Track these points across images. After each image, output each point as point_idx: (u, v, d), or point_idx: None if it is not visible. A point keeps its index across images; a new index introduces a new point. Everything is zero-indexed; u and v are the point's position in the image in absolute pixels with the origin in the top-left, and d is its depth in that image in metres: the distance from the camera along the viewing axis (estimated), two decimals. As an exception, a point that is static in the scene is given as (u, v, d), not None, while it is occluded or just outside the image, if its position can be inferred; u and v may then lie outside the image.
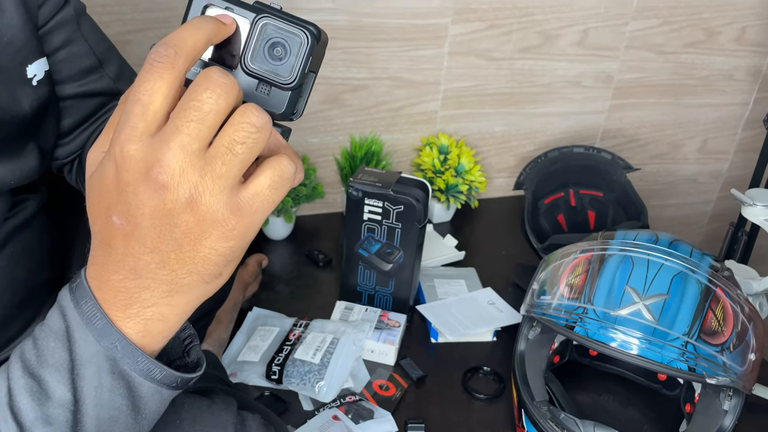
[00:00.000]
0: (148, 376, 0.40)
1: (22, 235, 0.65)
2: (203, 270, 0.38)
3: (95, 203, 0.38)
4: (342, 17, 1.22)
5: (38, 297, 0.69)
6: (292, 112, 0.40)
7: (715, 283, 0.80)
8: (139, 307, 0.39)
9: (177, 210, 0.35)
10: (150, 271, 0.38)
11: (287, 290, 1.17)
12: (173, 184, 0.35)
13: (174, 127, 0.35)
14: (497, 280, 1.19)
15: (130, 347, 0.39)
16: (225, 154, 0.35)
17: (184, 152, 0.34)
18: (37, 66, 0.61)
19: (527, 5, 1.32)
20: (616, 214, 1.31)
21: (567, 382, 0.91)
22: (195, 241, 0.37)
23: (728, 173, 1.72)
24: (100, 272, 0.39)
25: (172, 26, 1.13)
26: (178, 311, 0.40)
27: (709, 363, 0.76)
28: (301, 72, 0.38)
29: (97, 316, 0.39)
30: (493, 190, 1.53)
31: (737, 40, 1.51)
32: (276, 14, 0.38)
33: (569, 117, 1.49)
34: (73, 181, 0.77)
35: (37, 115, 0.62)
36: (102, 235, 0.38)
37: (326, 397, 0.91)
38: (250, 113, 0.36)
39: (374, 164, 1.34)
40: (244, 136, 0.35)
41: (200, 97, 0.35)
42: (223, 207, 0.36)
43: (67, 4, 0.66)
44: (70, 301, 0.40)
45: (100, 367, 0.39)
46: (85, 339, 0.39)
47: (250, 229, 0.37)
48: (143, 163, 0.35)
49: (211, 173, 0.35)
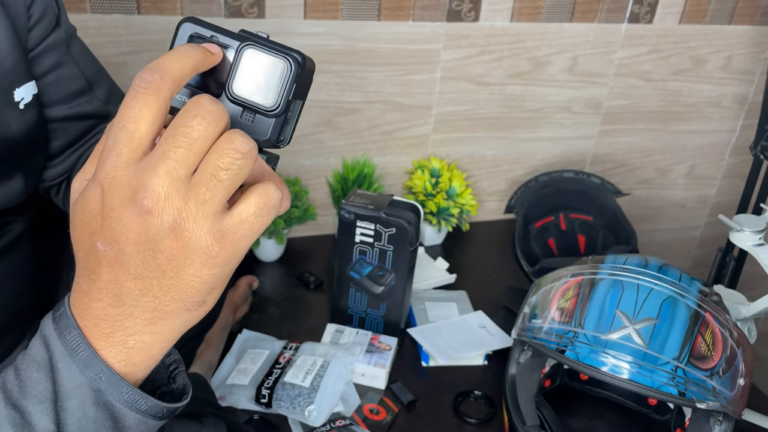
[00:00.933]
0: (133, 407, 0.39)
1: (7, 258, 0.64)
2: (186, 297, 0.37)
3: (79, 229, 0.38)
4: (336, 42, 1.23)
5: (23, 320, 0.68)
6: (278, 139, 0.40)
7: (704, 308, 0.81)
8: (121, 336, 0.38)
9: (161, 235, 0.35)
10: (133, 298, 0.37)
11: (278, 312, 1.16)
12: (158, 209, 0.35)
13: (161, 152, 0.34)
14: (488, 303, 1.19)
15: (115, 378, 0.38)
16: (209, 180, 0.35)
17: (170, 178, 0.34)
18: (25, 89, 0.61)
19: (518, 32, 1.34)
20: (606, 238, 1.32)
21: (558, 407, 0.90)
22: (178, 268, 0.36)
23: (716, 199, 1.74)
24: (83, 299, 0.39)
25: (166, 48, 1.14)
26: (161, 339, 0.39)
27: (699, 387, 0.76)
28: (285, 99, 0.38)
29: (81, 346, 0.38)
30: (484, 213, 1.54)
31: (724, 68, 1.54)
32: (260, 42, 0.38)
33: (559, 142, 1.51)
34: (60, 203, 0.77)
35: (24, 139, 0.62)
36: (85, 262, 0.38)
37: (316, 422, 0.90)
38: (236, 139, 0.35)
39: (366, 187, 1.34)
40: (228, 162, 0.35)
41: (190, 123, 0.35)
42: (207, 233, 0.36)
43: (57, 27, 0.66)
44: (53, 330, 0.39)
45: (84, 398, 0.38)
46: (69, 370, 0.38)
47: (233, 256, 0.37)
48: (129, 188, 0.35)
49: (195, 199, 0.35)
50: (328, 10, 1.20)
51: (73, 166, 0.74)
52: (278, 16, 1.17)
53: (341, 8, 1.21)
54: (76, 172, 0.72)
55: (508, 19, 1.32)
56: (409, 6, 1.25)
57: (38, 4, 0.63)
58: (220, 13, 1.14)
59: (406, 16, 1.25)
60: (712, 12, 1.45)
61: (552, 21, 1.35)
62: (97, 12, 1.08)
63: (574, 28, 1.38)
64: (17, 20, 0.60)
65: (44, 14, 0.64)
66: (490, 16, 1.31)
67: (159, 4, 1.11)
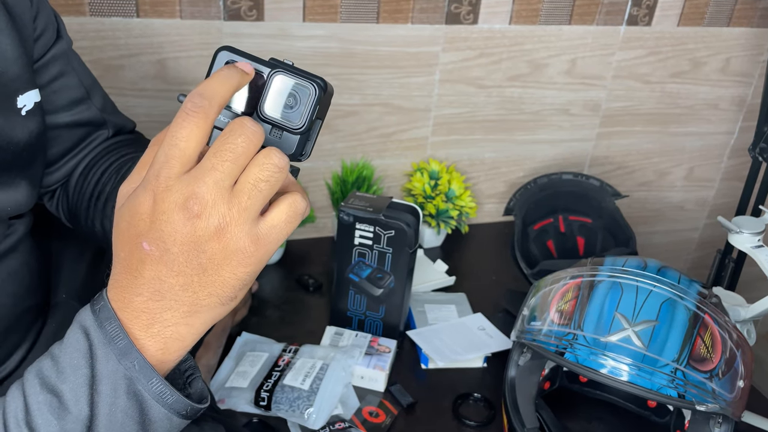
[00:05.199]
0: (159, 400, 0.43)
1: (8, 260, 0.65)
2: (222, 292, 0.42)
3: (125, 231, 0.42)
4: (335, 44, 1.23)
5: (24, 323, 0.68)
6: (301, 153, 0.46)
7: (703, 310, 0.81)
8: (160, 327, 0.42)
9: (205, 237, 0.40)
10: (173, 293, 0.42)
11: (277, 315, 1.16)
12: (205, 214, 0.40)
13: (210, 165, 0.40)
14: (487, 305, 1.19)
15: (147, 367, 0.42)
16: (251, 190, 0.40)
17: (217, 187, 0.40)
18: (28, 97, 0.62)
19: (516, 35, 1.34)
20: (605, 240, 1.32)
21: (557, 409, 0.90)
22: (218, 266, 0.41)
23: (714, 201, 1.74)
24: (123, 294, 0.43)
25: (165, 51, 1.14)
26: (194, 331, 0.44)
27: (699, 390, 0.76)
28: (309, 119, 0.44)
29: (120, 336, 0.42)
30: (483, 215, 1.54)
31: (722, 71, 1.54)
32: (288, 69, 0.44)
33: (558, 144, 1.51)
34: (53, 209, 0.78)
35: (27, 145, 0.63)
36: (128, 260, 0.42)
37: (315, 424, 0.90)
38: (274, 155, 0.41)
39: (365, 189, 1.34)
40: (268, 174, 0.41)
41: (235, 141, 0.40)
42: (245, 236, 0.41)
43: (60, 39, 0.69)
44: (93, 321, 0.43)
45: (117, 386, 0.42)
46: (107, 357, 0.42)
47: (265, 256, 0.42)
48: (180, 195, 0.40)
49: (237, 206, 0.40)
50: (326, 13, 1.20)
51: (70, 173, 0.75)
52: (277, 18, 1.17)
53: (340, 11, 1.21)
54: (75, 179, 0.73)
55: (507, 22, 1.33)
56: (408, 9, 1.25)
57: (42, 16, 0.66)
58: (219, 16, 1.14)
59: (405, 19, 1.26)
60: (710, 14, 1.45)
61: (550, 23, 1.35)
62: (95, 15, 1.08)
63: (573, 31, 1.38)
64: (24, 30, 0.62)
65: (47, 26, 0.67)
66: (488, 19, 1.31)
67: (158, 8, 1.11)
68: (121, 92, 1.15)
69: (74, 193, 0.74)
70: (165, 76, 1.16)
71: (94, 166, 0.74)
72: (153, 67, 1.15)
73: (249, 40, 1.17)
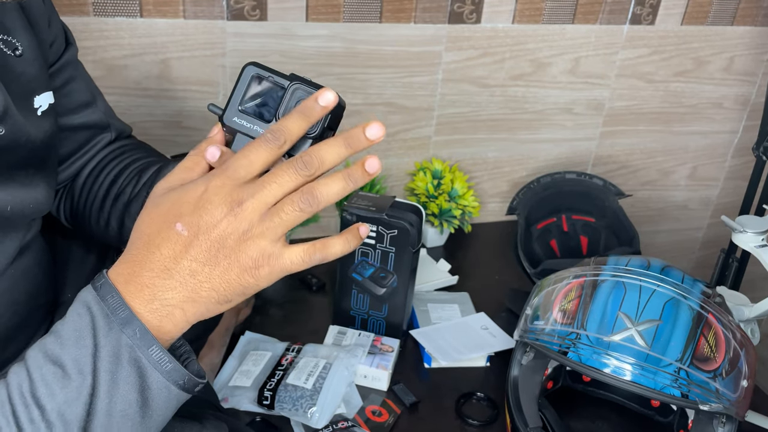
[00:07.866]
0: (158, 367, 0.45)
1: (23, 258, 0.66)
2: (222, 291, 0.46)
3: (164, 211, 0.47)
4: (338, 44, 1.23)
5: (35, 320, 0.69)
6: None
7: (707, 309, 0.80)
8: (159, 304, 0.46)
9: (232, 236, 0.45)
10: (182, 275, 0.46)
11: (280, 314, 1.16)
12: (241, 217, 0.45)
13: (262, 183, 0.46)
14: (490, 304, 1.19)
15: (148, 335, 0.45)
16: (283, 213, 0.46)
17: (259, 202, 0.46)
18: (43, 98, 0.64)
19: (519, 34, 1.34)
20: (608, 239, 1.32)
21: (560, 408, 0.90)
22: (229, 266, 0.46)
23: (718, 200, 1.74)
24: (133, 268, 0.46)
25: (168, 51, 1.14)
26: (186, 319, 0.47)
27: (702, 389, 0.76)
28: (322, 126, 0.50)
29: (121, 307, 0.45)
30: (486, 215, 1.54)
31: (726, 70, 1.53)
32: (306, 82, 0.50)
33: (561, 143, 1.51)
34: (54, 211, 0.79)
35: (42, 144, 0.65)
36: (151, 237, 0.47)
37: (318, 423, 0.90)
38: (317, 193, 0.47)
39: (368, 189, 1.34)
40: (305, 206, 0.46)
41: (289, 171, 0.46)
42: (260, 250, 0.46)
43: (70, 45, 0.73)
44: (95, 296, 0.46)
45: (120, 354, 0.44)
46: (110, 327, 0.45)
47: (271, 276, 0.47)
48: (231, 195, 0.46)
49: (268, 222, 0.46)
50: (329, 13, 1.20)
51: (75, 175, 0.77)
52: (280, 18, 1.18)
53: (343, 10, 1.21)
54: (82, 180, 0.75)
55: (510, 21, 1.32)
56: (411, 8, 1.25)
57: (54, 23, 0.69)
58: (222, 16, 1.14)
59: (408, 18, 1.26)
60: (714, 13, 1.45)
61: (553, 22, 1.35)
62: (99, 15, 1.08)
63: (576, 30, 1.38)
64: (40, 34, 0.65)
65: (59, 33, 0.71)
66: (491, 18, 1.31)
67: (161, 8, 1.11)
68: (124, 92, 1.15)
69: (82, 193, 0.76)
70: (168, 76, 1.17)
71: (104, 168, 0.76)
72: (156, 66, 1.15)
73: (252, 40, 1.18)
